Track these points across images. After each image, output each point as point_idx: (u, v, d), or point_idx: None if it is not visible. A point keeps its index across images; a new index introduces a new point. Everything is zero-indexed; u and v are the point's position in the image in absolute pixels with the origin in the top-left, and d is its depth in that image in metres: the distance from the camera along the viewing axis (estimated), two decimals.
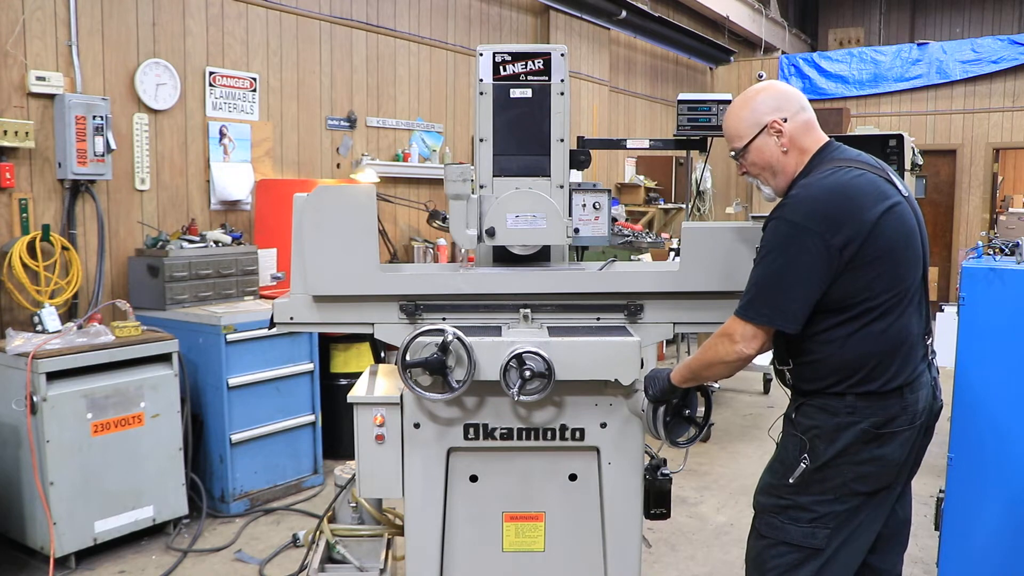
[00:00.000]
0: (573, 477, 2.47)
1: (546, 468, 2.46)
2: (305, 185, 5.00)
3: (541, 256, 2.52)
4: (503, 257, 2.51)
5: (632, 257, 6.89)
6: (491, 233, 2.38)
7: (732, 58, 11.78)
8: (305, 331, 2.84)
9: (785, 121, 2.16)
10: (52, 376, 3.63)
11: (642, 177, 9.90)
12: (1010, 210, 10.65)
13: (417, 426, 2.40)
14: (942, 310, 7.33)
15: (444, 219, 5.70)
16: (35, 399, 3.58)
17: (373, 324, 2.42)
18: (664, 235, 8.47)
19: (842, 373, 2.09)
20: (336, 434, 5.04)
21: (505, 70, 2.44)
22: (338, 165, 6.13)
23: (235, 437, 4.35)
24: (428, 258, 6.45)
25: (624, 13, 8.80)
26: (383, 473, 2.44)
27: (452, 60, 7.16)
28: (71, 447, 3.68)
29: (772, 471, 2.25)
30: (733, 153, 2.26)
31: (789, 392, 2.28)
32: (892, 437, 2.10)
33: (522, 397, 2.23)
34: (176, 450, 4.08)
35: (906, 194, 2.16)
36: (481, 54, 2.45)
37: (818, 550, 2.13)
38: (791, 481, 2.14)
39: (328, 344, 5.08)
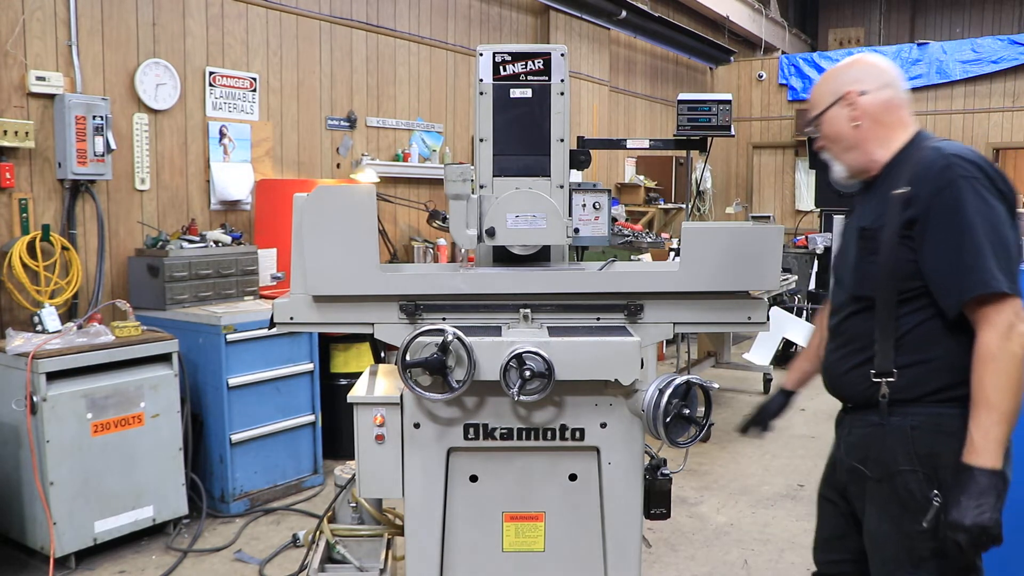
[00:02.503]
0: (573, 477, 2.46)
1: (546, 468, 2.45)
2: (305, 185, 5.01)
3: (541, 256, 2.52)
4: (503, 257, 2.51)
5: (632, 257, 6.90)
6: (491, 233, 2.38)
7: (732, 58, 11.78)
8: (305, 331, 2.83)
9: (863, 94, 2.00)
10: (52, 376, 3.63)
11: (642, 177, 9.90)
12: None
13: (417, 426, 2.40)
14: None
15: (444, 219, 5.71)
16: (35, 399, 3.58)
17: (373, 324, 2.42)
18: (664, 235, 8.48)
19: (963, 374, 1.83)
20: (336, 434, 5.04)
21: (505, 70, 2.44)
22: (338, 165, 6.13)
23: (235, 437, 4.35)
24: (428, 258, 6.45)
25: (624, 13, 8.80)
26: (383, 473, 2.43)
27: (452, 60, 7.16)
28: (71, 447, 3.68)
29: (895, 521, 1.94)
30: (807, 124, 2.11)
31: (873, 411, 1.97)
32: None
33: (522, 397, 2.23)
34: (176, 450, 4.08)
35: None
36: (481, 54, 2.45)
37: None
38: (924, 525, 1.86)
39: (328, 344, 5.08)
